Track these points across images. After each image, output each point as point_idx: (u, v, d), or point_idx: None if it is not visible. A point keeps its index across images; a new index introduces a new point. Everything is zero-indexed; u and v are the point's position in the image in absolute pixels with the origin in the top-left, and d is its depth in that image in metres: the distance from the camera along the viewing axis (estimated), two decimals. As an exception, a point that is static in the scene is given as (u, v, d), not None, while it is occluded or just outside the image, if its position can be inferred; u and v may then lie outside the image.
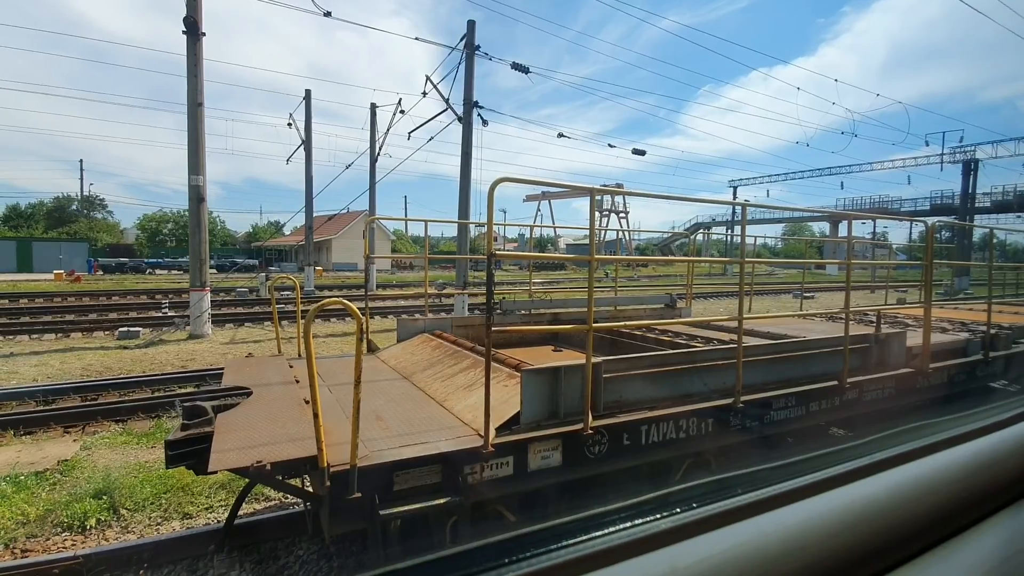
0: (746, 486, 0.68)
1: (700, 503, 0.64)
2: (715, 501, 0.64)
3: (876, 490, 0.72)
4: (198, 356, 10.56)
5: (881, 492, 0.71)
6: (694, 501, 0.64)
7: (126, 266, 40.18)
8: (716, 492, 0.68)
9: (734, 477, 0.75)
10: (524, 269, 47.44)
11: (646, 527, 0.59)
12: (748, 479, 0.73)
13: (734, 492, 0.66)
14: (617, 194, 4.50)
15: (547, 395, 3.08)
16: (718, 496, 0.65)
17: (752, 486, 0.68)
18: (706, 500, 0.65)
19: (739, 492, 0.66)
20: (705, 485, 0.74)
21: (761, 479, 0.72)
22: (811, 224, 79.52)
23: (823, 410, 4.22)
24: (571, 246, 74.09)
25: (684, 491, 0.72)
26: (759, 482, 0.69)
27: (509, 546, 0.56)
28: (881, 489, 0.72)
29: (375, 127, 25.44)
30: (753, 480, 0.72)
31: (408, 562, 0.56)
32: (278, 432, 2.77)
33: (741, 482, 0.71)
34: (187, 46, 12.39)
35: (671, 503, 0.65)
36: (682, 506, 0.63)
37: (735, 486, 0.69)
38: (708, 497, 0.66)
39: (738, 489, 0.67)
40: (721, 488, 0.70)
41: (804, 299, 9.76)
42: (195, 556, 3.70)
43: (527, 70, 16.59)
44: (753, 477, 0.75)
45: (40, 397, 7.41)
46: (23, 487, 4.62)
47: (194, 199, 12.73)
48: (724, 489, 0.69)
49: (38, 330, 12.88)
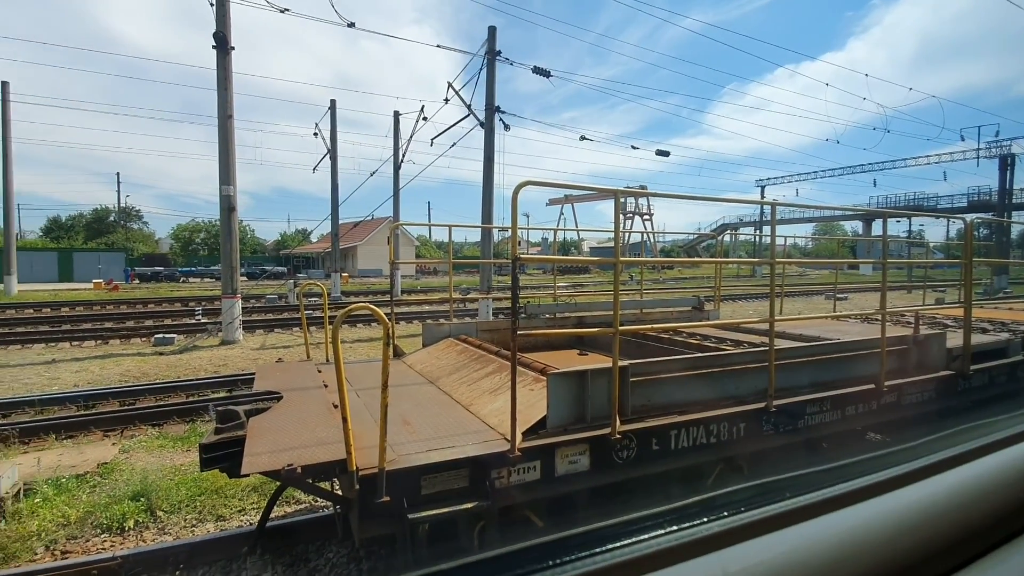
0: (794, 490, 0.66)
1: (748, 507, 0.62)
2: (763, 505, 0.62)
3: (935, 492, 0.69)
4: (230, 361, 10.82)
5: (940, 494, 0.69)
6: (741, 505, 0.62)
7: (161, 275, 41.48)
8: (763, 496, 0.65)
9: (781, 480, 0.73)
10: (548, 273, 47.34)
11: (693, 531, 0.57)
12: (796, 482, 0.71)
13: (782, 496, 0.64)
14: (641, 196, 4.46)
15: (574, 399, 3.05)
16: (766, 500, 0.63)
17: (801, 490, 0.66)
18: (754, 504, 0.63)
19: (787, 496, 0.64)
20: (752, 488, 0.72)
21: (809, 483, 0.69)
22: (843, 223, 77.45)
23: (860, 414, 4.08)
24: (595, 249, 73.67)
25: (730, 494, 0.70)
26: (807, 486, 0.67)
27: (553, 548, 0.55)
28: (940, 491, 0.70)
29: (398, 134, 25.78)
30: (801, 484, 0.70)
31: (452, 563, 0.55)
32: (308, 436, 2.80)
33: (788, 486, 0.69)
34: (217, 60, 12.77)
35: (717, 506, 0.63)
36: (729, 510, 0.61)
37: (782, 490, 0.67)
38: (756, 501, 0.64)
39: (786, 493, 0.65)
40: (768, 492, 0.68)
41: (837, 300, 9.49)
42: (229, 558, 3.77)
43: (548, 74, 16.60)
44: (801, 481, 0.72)
45: (81, 402, 7.68)
46: (64, 489, 4.79)
47: (225, 209, 13.08)
48: (771, 493, 0.66)
49: (79, 337, 13.38)
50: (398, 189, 25.41)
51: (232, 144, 13.10)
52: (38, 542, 4.00)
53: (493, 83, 15.66)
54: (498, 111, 15.77)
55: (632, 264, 23.33)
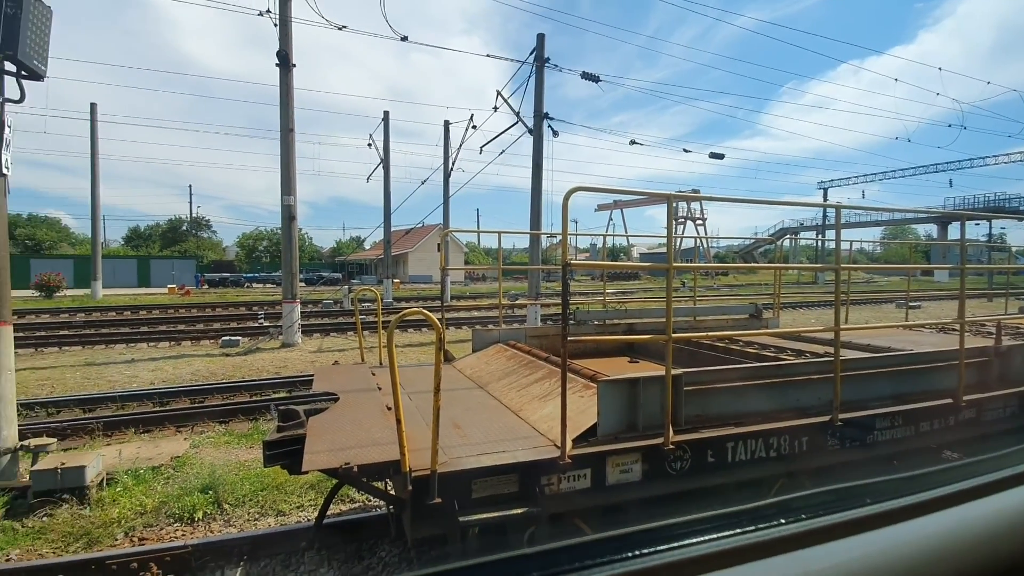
0: (875, 496, 0.64)
1: (827, 511, 0.61)
2: (843, 510, 0.61)
3: None
4: (290, 363, 11.31)
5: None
6: (820, 509, 0.61)
7: (227, 280, 44.01)
8: (842, 501, 0.64)
9: (861, 487, 0.71)
10: (596, 279, 46.85)
11: (770, 531, 0.57)
12: (877, 489, 0.68)
13: (862, 502, 0.62)
14: (694, 200, 4.36)
15: (625, 407, 3.00)
16: (845, 505, 0.62)
17: (883, 496, 0.63)
18: (833, 508, 0.61)
19: (868, 502, 0.62)
20: (830, 493, 0.70)
21: (890, 490, 0.67)
22: (915, 227, 72.62)
23: (935, 430, 3.81)
24: (644, 255, 72.25)
25: (807, 498, 0.69)
26: (888, 493, 0.65)
27: (638, 538, 0.55)
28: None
29: (448, 143, 26.31)
30: (883, 490, 0.67)
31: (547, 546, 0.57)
32: (363, 436, 2.89)
33: (869, 492, 0.67)
34: (280, 77, 13.47)
35: (794, 508, 0.62)
36: (807, 512, 0.60)
37: (862, 495, 0.65)
38: (835, 505, 0.62)
39: (866, 499, 0.63)
40: (847, 497, 0.66)
41: (909, 308, 8.89)
42: (289, 552, 3.94)
43: (597, 79, 16.51)
44: (882, 487, 0.69)
45: (156, 399, 8.24)
46: (141, 480, 5.14)
47: (286, 218, 13.74)
48: (850, 498, 0.65)
49: (155, 338, 14.37)
50: (448, 197, 25.90)
51: (293, 156, 13.76)
52: (118, 528, 4.31)
53: (541, 90, 15.73)
54: (546, 118, 15.81)
55: (685, 270, 22.77)
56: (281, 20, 13.25)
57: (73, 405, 7.86)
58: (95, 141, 27.92)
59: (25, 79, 5.27)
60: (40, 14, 5.23)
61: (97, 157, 28.10)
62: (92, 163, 27.99)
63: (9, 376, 5.24)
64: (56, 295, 28.23)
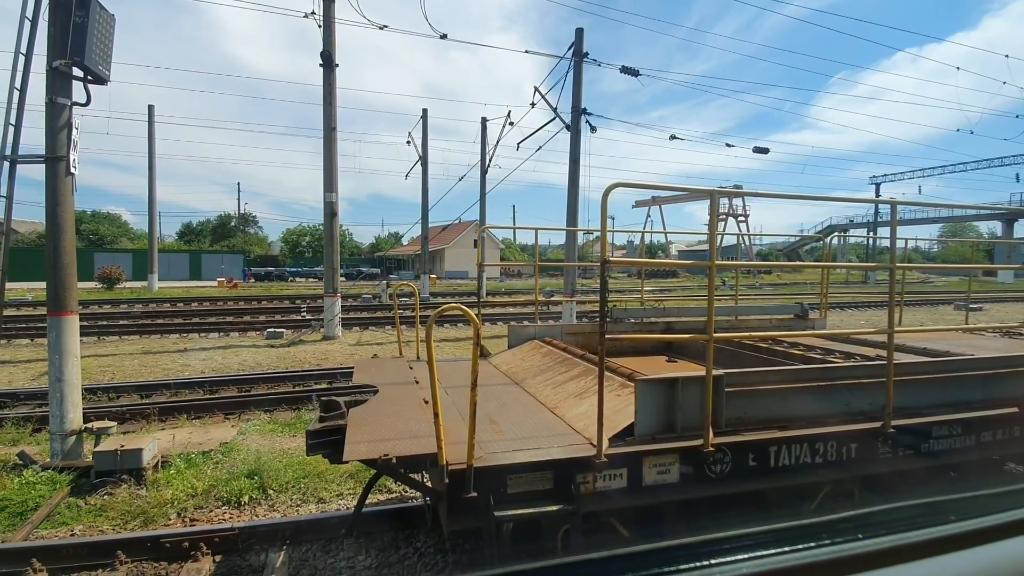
0: (961, 513, 0.59)
1: (908, 527, 0.57)
2: (926, 526, 0.56)
3: None
4: (331, 355, 11.64)
5: None
6: (900, 525, 0.57)
7: (272, 274, 45.63)
8: (927, 516, 0.59)
9: (944, 503, 0.66)
10: (633, 276, 46.18)
11: (847, 546, 0.53)
12: (962, 505, 0.64)
13: (946, 519, 0.58)
14: (737, 195, 4.21)
15: (663, 407, 2.95)
16: (930, 521, 0.58)
17: (969, 513, 0.59)
18: (916, 524, 0.57)
19: (953, 519, 0.58)
20: (909, 509, 0.65)
21: (978, 506, 0.62)
22: (977, 224, 68.40)
23: (999, 441, 3.58)
24: (683, 252, 70.74)
25: (886, 512, 0.64)
26: (976, 509, 0.60)
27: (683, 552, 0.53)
28: None
29: (485, 140, 26.42)
30: (969, 507, 0.62)
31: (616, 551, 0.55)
32: (402, 428, 2.94)
33: (954, 508, 0.62)
34: (323, 77, 13.82)
35: (873, 524, 0.58)
36: (887, 529, 0.56)
37: (947, 512, 0.60)
38: (919, 521, 0.58)
39: (951, 515, 0.59)
40: (929, 513, 0.62)
41: (970, 310, 8.37)
42: (328, 539, 4.06)
43: (637, 73, 16.21)
44: (968, 503, 0.65)
45: (207, 387, 8.63)
46: (193, 464, 5.39)
47: (328, 214, 14.11)
48: (933, 515, 0.60)
49: (205, 329, 15.04)
50: (484, 193, 26.02)
51: (335, 154, 14.10)
52: (171, 509, 4.54)
53: (580, 85, 15.57)
54: (584, 113, 15.65)
55: (726, 268, 22.17)
56: (325, 21, 13.58)
57: (131, 391, 8.33)
58: (152, 141, 29.38)
59: (91, 83, 5.60)
60: (104, 21, 5.53)
61: (154, 156, 29.57)
62: (149, 162, 29.48)
63: (75, 362, 5.59)
64: (116, 287, 29.93)
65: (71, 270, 5.58)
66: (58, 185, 5.45)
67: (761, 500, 3.11)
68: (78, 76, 5.50)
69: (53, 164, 5.41)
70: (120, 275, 30.64)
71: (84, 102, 5.59)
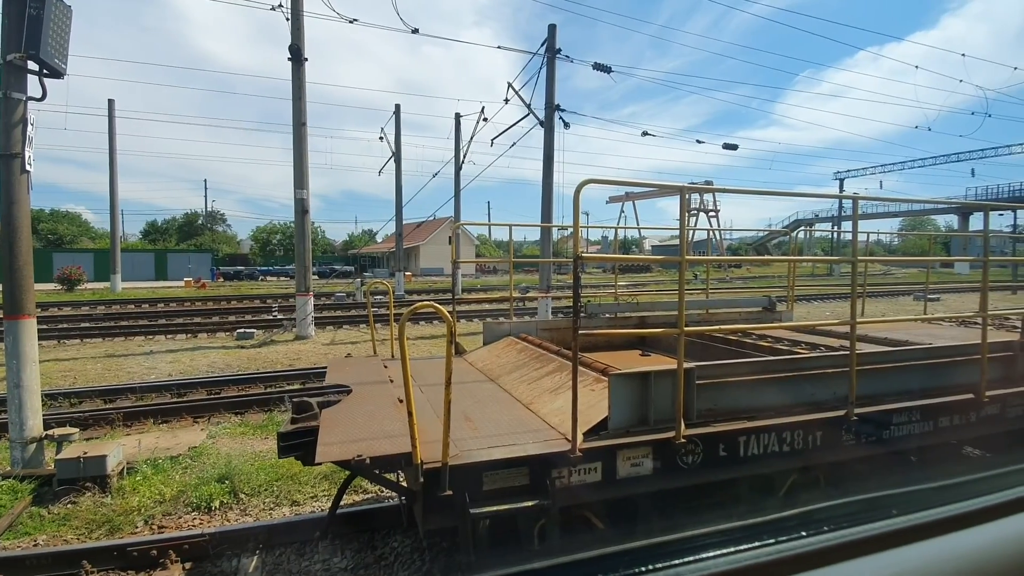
0: (904, 507, 0.61)
1: (852, 523, 0.58)
2: (869, 521, 0.57)
3: None
4: (303, 355, 11.44)
5: None
6: (844, 520, 0.58)
7: (242, 273, 44.57)
8: (869, 512, 0.61)
9: (888, 497, 0.67)
10: (607, 272, 46.65)
11: (792, 545, 0.54)
12: (905, 500, 0.65)
13: (889, 513, 0.59)
14: (707, 191, 4.29)
15: (636, 401, 2.99)
16: (872, 516, 0.59)
17: (911, 508, 0.60)
18: (859, 520, 0.58)
19: (895, 513, 0.59)
20: (855, 504, 0.67)
21: (921, 501, 0.64)
22: (934, 218, 71.10)
23: (955, 427, 3.75)
24: (656, 247, 71.68)
25: (831, 508, 0.66)
26: (919, 504, 0.61)
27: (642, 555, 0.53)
28: None
29: (459, 136, 26.30)
30: (911, 501, 0.64)
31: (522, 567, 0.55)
32: (376, 428, 2.92)
33: (897, 503, 0.64)
34: (292, 71, 13.53)
35: (817, 520, 0.59)
36: (831, 524, 0.57)
37: (889, 506, 0.62)
38: (861, 517, 0.59)
39: (893, 510, 0.60)
40: (873, 508, 0.63)
41: (928, 301, 8.71)
42: (303, 541, 4.00)
43: (609, 69, 16.34)
44: (912, 498, 0.66)
45: (174, 390, 8.40)
46: (160, 470, 5.24)
47: (299, 211, 13.85)
48: (877, 509, 0.61)
49: (172, 331, 14.61)
50: (459, 189, 25.90)
51: (305, 150, 13.83)
52: (138, 516, 4.41)
53: (553, 81, 15.61)
54: (558, 109, 15.70)
55: (697, 263, 22.55)
56: (293, 14, 13.29)
57: (94, 396, 8.04)
58: (113, 137, 28.33)
59: (47, 77, 5.36)
60: (61, 13, 5.30)
61: (115, 152, 28.53)
62: (110, 158, 28.42)
63: (33, 367, 5.37)
64: (77, 288, 28.80)
65: (28, 271, 5.35)
66: (13, 183, 5.22)
67: (731, 489, 3.19)
68: (33, 70, 5.27)
69: (7, 161, 5.18)
70: (81, 276, 29.49)
71: (40, 96, 5.36)
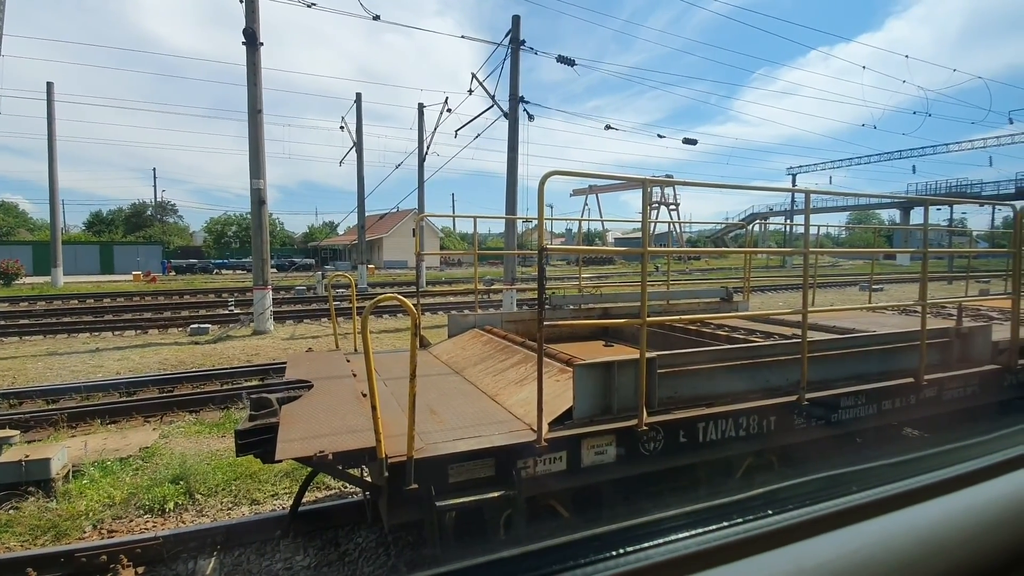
0: (863, 484, 0.63)
1: (815, 500, 0.60)
2: (830, 499, 0.60)
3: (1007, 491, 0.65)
4: (262, 351, 11.11)
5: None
6: (807, 498, 0.60)
7: (195, 267, 42.82)
8: (830, 489, 0.63)
9: (848, 474, 0.70)
10: (572, 264, 47.08)
11: (758, 524, 0.55)
12: (863, 476, 0.68)
13: (849, 489, 0.62)
14: (668, 184, 4.37)
15: (600, 390, 3.04)
16: (834, 493, 0.61)
17: (870, 483, 0.63)
18: (821, 497, 0.61)
19: (855, 490, 0.62)
20: (817, 481, 0.69)
21: (879, 477, 0.67)
22: (878, 212, 74.79)
23: (897, 409, 3.96)
24: (619, 240, 72.82)
25: (795, 487, 0.68)
26: (877, 480, 0.64)
27: (584, 546, 0.53)
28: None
29: (423, 127, 25.90)
30: (869, 477, 0.67)
31: (478, 559, 0.54)
32: (338, 424, 2.87)
33: (856, 479, 0.66)
34: (247, 56, 13.00)
35: (781, 499, 0.61)
36: (795, 503, 0.59)
37: (849, 483, 0.64)
38: (823, 494, 0.62)
39: (853, 487, 0.63)
40: (835, 485, 0.65)
41: (873, 291, 9.18)
42: (263, 540, 3.90)
43: (573, 63, 16.40)
44: (870, 474, 0.69)
45: (123, 389, 8.01)
46: (109, 472, 5.01)
47: (255, 202, 13.38)
48: (838, 487, 0.64)
49: (120, 327, 13.92)
50: (423, 181, 25.56)
51: (262, 139, 13.35)
52: (86, 521, 4.20)
53: (517, 73, 15.56)
54: (522, 101, 15.67)
55: (658, 255, 23.03)
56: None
57: (35, 396, 7.58)
58: (52, 122, 26.58)
59: (-30, 54, 4.98)
60: (-16, -16, 4.92)
61: (55, 139, 26.78)
62: (49, 145, 26.68)
63: (-37, 368, 5.02)
64: (14, 283, 27.07)
65: (-46, 265, 4.98)
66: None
67: (692, 474, 3.29)
68: (-45, 46, 4.88)
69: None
70: (19, 270, 27.71)
71: (-37, 76, 4.97)
